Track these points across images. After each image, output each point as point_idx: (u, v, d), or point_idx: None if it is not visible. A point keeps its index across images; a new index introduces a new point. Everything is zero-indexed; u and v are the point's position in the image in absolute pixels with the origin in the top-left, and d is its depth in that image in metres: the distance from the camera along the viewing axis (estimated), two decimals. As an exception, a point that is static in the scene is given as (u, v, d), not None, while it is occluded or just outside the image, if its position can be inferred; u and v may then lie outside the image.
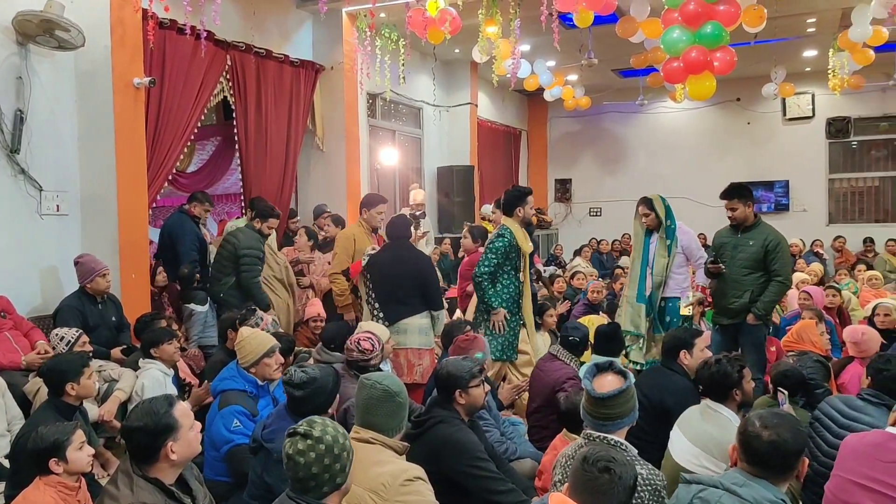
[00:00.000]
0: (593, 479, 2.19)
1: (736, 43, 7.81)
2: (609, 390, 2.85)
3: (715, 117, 13.82)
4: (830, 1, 8.62)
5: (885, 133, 12.98)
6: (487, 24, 7.53)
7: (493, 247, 5.24)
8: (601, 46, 9.37)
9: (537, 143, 15.21)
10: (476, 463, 3.20)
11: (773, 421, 2.41)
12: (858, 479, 2.78)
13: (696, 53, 6.21)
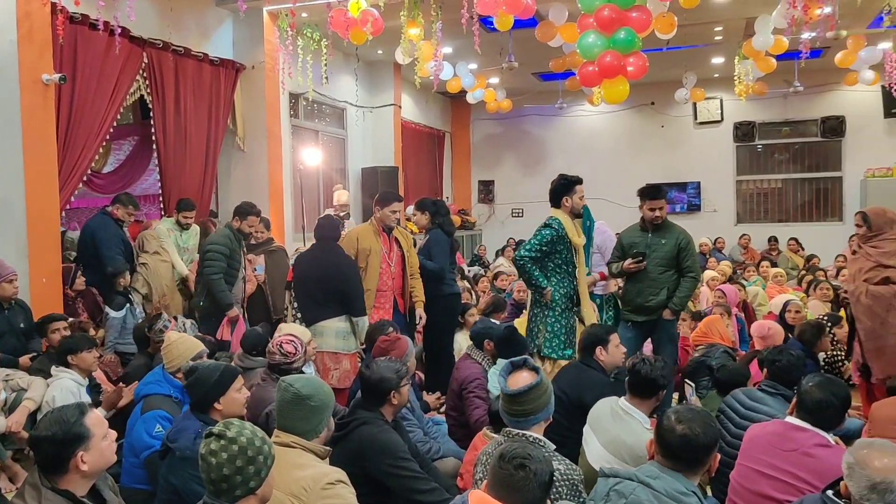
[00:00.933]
0: (509, 476, 2.20)
1: (649, 49, 8.02)
2: (520, 387, 2.87)
3: (630, 120, 14.16)
4: (736, 11, 8.92)
5: (786, 137, 13.55)
6: (409, 26, 7.51)
7: (540, 234, 5.00)
8: (521, 50, 9.46)
9: (461, 144, 15.28)
10: (399, 463, 3.19)
11: (687, 416, 2.47)
12: (761, 468, 2.88)
13: (611, 58, 6.32)
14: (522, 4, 6.74)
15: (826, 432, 2.88)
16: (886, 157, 12.54)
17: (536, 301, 5.08)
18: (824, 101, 13.06)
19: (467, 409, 4.49)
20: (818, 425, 2.88)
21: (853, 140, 13.04)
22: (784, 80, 11.02)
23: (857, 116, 12.92)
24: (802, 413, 2.93)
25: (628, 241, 5.44)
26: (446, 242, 5.80)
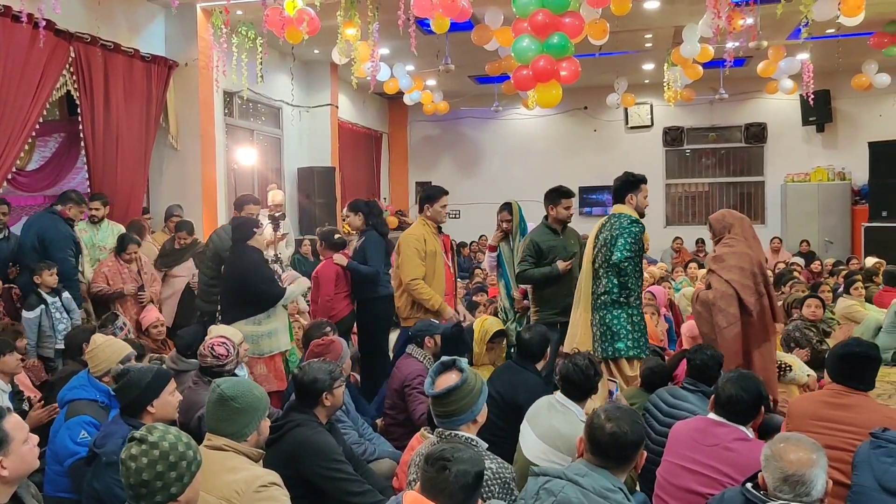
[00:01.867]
0: (433, 478, 2.21)
1: (582, 54, 8.14)
2: (442, 388, 2.87)
3: (564, 124, 14.36)
4: (665, 19, 9.14)
5: (713, 142, 13.94)
6: (346, 27, 7.44)
7: (631, 231, 4.63)
8: (458, 53, 9.49)
9: (398, 145, 15.24)
10: (332, 465, 3.16)
11: (615, 414, 2.52)
12: (686, 463, 2.95)
13: (545, 62, 6.39)
14: (459, 7, 6.76)
15: (744, 426, 2.97)
16: (804, 163, 13.04)
17: (614, 303, 4.67)
18: (747, 108, 13.50)
19: (410, 407, 4.47)
20: (733, 420, 2.97)
21: (774, 146, 13.52)
22: (710, 88, 11.33)
23: (777, 124, 13.39)
24: (718, 409, 3.03)
25: (546, 244, 5.35)
26: (381, 244, 5.76)
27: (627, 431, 2.47)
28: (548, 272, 5.32)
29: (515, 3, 6.50)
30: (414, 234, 5.38)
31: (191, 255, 6.77)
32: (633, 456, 2.50)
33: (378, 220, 5.85)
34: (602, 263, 4.70)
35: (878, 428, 2.80)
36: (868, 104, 12.70)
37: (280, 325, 5.13)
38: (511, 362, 4.43)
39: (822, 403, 3.23)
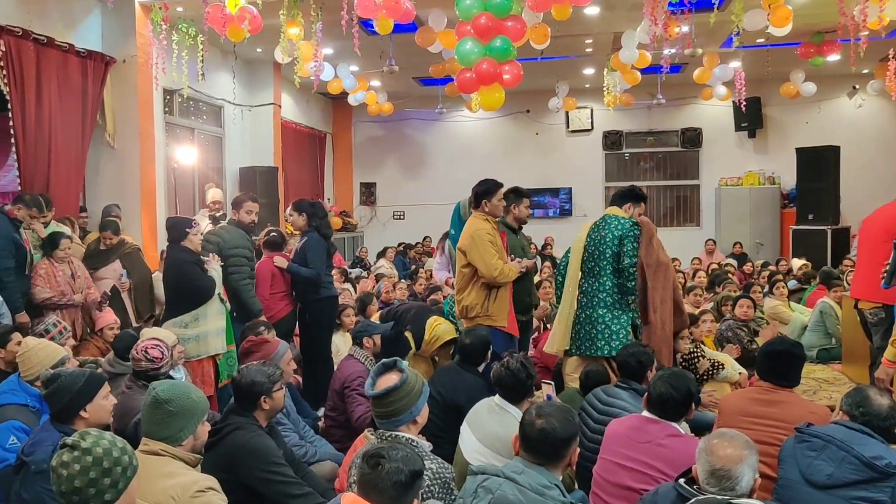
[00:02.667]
0: (367, 475, 2.19)
1: (524, 58, 8.21)
2: (381, 388, 2.86)
3: (507, 127, 14.46)
4: (604, 25, 9.29)
5: (651, 146, 14.23)
6: (289, 26, 7.35)
7: (636, 235, 4.69)
8: (402, 54, 9.48)
9: (342, 146, 15.13)
10: (272, 468, 3.11)
11: (546, 411, 2.55)
12: (620, 461, 2.99)
13: (487, 65, 6.43)
14: (402, 9, 6.75)
15: (675, 423, 3.03)
16: (737, 168, 13.42)
17: (614, 304, 4.68)
18: (684, 113, 13.82)
19: (349, 408, 4.44)
20: (665, 417, 3.03)
21: (709, 151, 13.87)
22: (648, 93, 11.57)
23: (712, 129, 13.74)
24: (650, 406, 3.09)
25: (509, 244, 5.37)
26: (323, 245, 5.68)
27: (556, 427, 2.49)
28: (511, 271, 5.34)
29: (458, 6, 6.52)
30: (483, 227, 4.98)
31: (117, 257, 6.54)
32: (564, 452, 2.52)
33: (322, 222, 5.77)
34: (599, 262, 4.73)
35: (803, 423, 2.88)
36: (796, 111, 13.15)
37: (212, 329, 4.99)
38: (453, 364, 4.43)
39: (751, 400, 3.32)
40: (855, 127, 12.93)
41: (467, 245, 4.90)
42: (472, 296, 4.94)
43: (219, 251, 5.36)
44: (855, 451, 2.63)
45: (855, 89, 12.74)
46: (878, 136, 12.85)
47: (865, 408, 2.77)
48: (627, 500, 2.90)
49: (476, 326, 4.72)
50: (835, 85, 12.66)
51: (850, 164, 11.62)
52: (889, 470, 2.57)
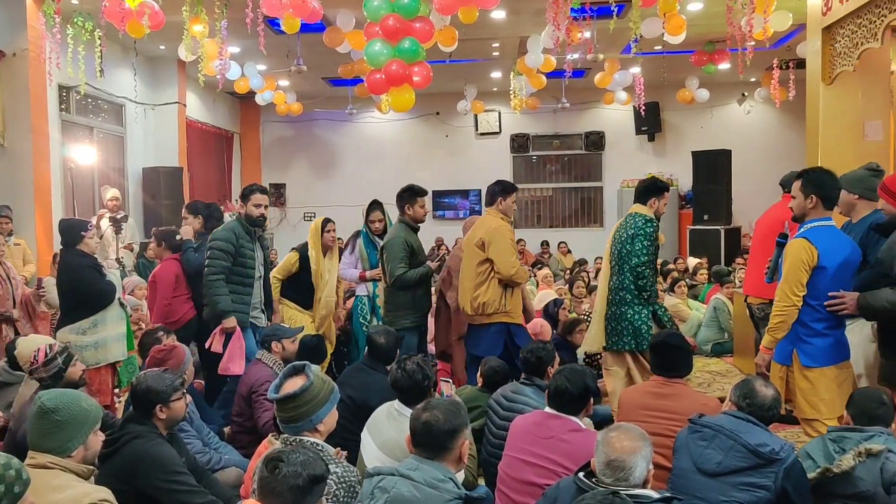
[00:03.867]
0: (264, 478, 2.14)
1: (433, 60, 8.22)
2: (284, 392, 2.79)
3: (417, 129, 14.46)
4: (510, 29, 9.41)
5: (557, 150, 14.51)
6: (193, 23, 7.11)
7: (646, 232, 4.72)
8: (310, 54, 9.33)
9: (250, 146, 14.78)
10: (173, 477, 2.99)
11: (433, 404, 2.56)
12: (524, 457, 3.02)
13: (397, 67, 6.39)
14: (309, 9, 6.64)
15: (576, 417, 3.08)
16: (637, 170, 13.83)
17: (633, 300, 4.75)
18: (587, 117, 14.16)
19: (256, 414, 4.31)
20: (565, 411, 3.08)
21: (611, 154, 14.26)
22: (553, 97, 11.79)
23: (614, 132, 14.14)
24: (550, 401, 3.13)
25: (416, 243, 5.42)
26: None
27: (440, 419, 2.50)
28: (424, 272, 5.28)
29: (366, 7, 6.46)
30: (504, 225, 5.01)
31: None
32: (450, 444, 2.51)
33: (218, 224, 5.60)
34: (618, 261, 4.83)
35: (696, 414, 2.98)
36: (691, 116, 13.69)
37: (111, 335, 4.76)
38: (361, 364, 4.36)
39: (647, 394, 3.42)
40: (744, 132, 13.55)
41: (489, 239, 4.87)
42: (489, 292, 4.91)
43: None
44: (742, 439, 2.73)
45: (744, 96, 13.36)
46: (765, 140, 13.51)
47: (751, 399, 2.88)
48: (531, 496, 2.92)
49: (386, 326, 4.69)
50: (726, 92, 13.25)
51: (741, 167, 12.16)
52: (773, 456, 2.68)
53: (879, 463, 2.73)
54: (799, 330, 3.52)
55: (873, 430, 2.85)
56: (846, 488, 2.77)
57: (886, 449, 2.74)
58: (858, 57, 5.66)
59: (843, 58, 5.89)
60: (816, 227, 3.53)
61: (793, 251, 3.50)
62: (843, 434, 2.90)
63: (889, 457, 2.74)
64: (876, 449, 2.74)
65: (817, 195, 3.55)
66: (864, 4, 5.45)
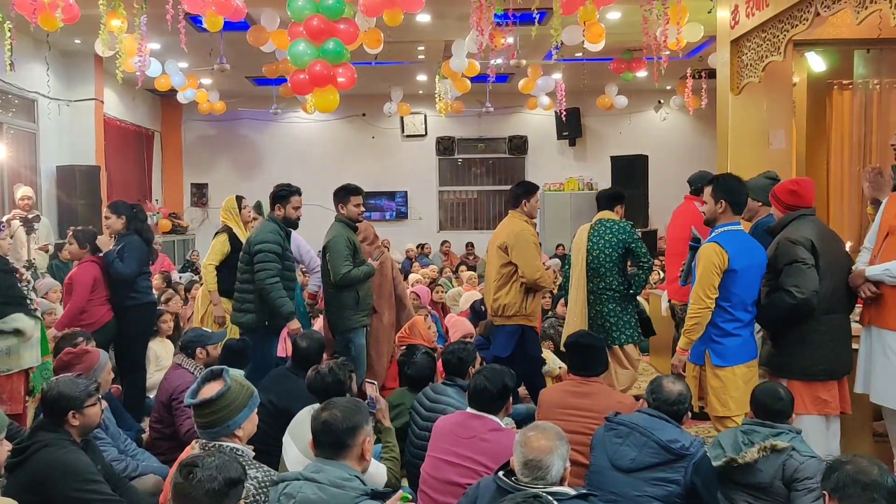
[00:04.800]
0: (178, 484, 2.10)
1: (358, 62, 8.15)
2: (201, 398, 2.72)
3: (343, 130, 14.32)
4: (435, 33, 9.43)
5: (482, 153, 14.61)
6: (110, 17, 6.82)
7: (637, 237, 5.15)
8: (234, 53, 9.12)
9: (172, 145, 14.33)
10: (86, 486, 2.88)
11: (335, 404, 2.56)
12: (446, 457, 3.02)
13: (321, 67, 6.31)
14: (233, 6, 6.49)
15: (496, 417, 3.11)
16: (559, 174, 14.06)
17: (622, 297, 5.10)
18: (511, 121, 14.32)
19: (177, 422, 4.18)
20: (485, 411, 3.10)
21: (534, 158, 14.46)
22: (478, 101, 11.85)
23: (537, 137, 14.34)
24: (471, 401, 3.16)
25: (357, 242, 5.30)
26: (143, 249, 5.32)
27: (339, 416, 2.49)
28: (369, 270, 5.18)
29: (290, 7, 6.35)
30: (528, 228, 5.03)
31: None
32: (350, 441, 2.49)
33: (143, 226, 5.40)
34: (605, 264, 5.05)
35: (612, 412, 3.05)
36: (611, 122, 14.02)
37: (24, 341, 4.53)
38: (284, 369, 4.28)
39: (566, 392, 3.48)
40: (660, 138, 13.95)
41: (512, 243, 4.89)
42: (510, 295, 4.95)
43: (248, 250, 4.94)
44: (654, 436, 2.81)
45: (660, 103, 13.78)
46: (680, 146, 13.93)
47: (658, 393, 2.99)
48: (453, 496, 2.93)
49: (312, 330, 4.62)
50: (643, 99, 13.61)
51: (657, 172, 12.53)
52: (683, 452, 2.77)
53: (782, 459, 2.87)
54: (711, 331, 3.65)
55: (783, 428, 2.99)
56: (746, 478, 2.91)
57: (791, 447, 2.88)
58: (763, 69, 5.91)
59: (750, 69, 6.14)
60: (726, 232, 3.67)
61: (705, 255, 3.62)
62: (753, 427, 3.03)
63: (792, 454, 2.88)
64: (780, 446, 2.88)
65: (726, 200, 3.70)
66: (768, 20, 5.69)
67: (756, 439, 2.93)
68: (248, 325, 5.00)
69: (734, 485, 2.94)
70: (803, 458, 2.87)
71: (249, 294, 4.95)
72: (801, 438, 2.97)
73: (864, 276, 3.58)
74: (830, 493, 1.96)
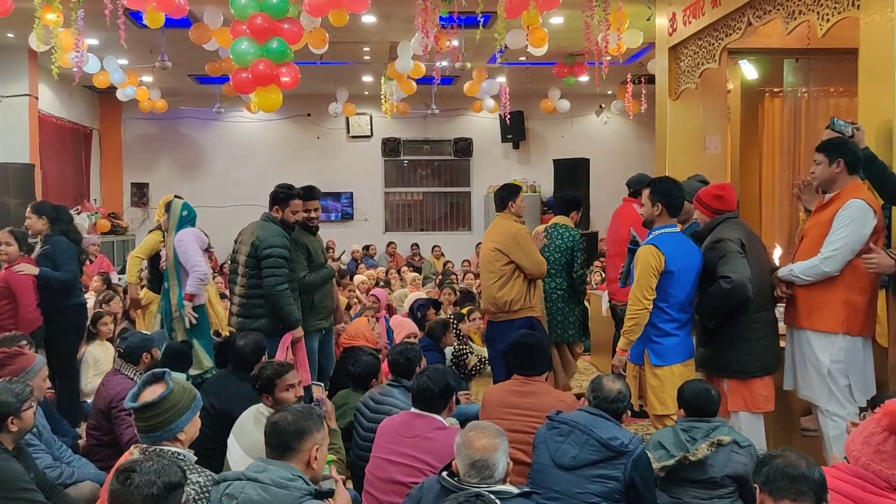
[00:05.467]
0: (115, 491, 2.04)
1: (304, 62, 8.06)
2: (140, 401, 2.65)
3: (288, 130, 14.14)
4: (381, 34, 9.38)
5: (428, 154, 14.59)
6: (45, 11, 6.59)
7: (582, 247, 5.59)
8: (176, 50, 8.90)
9: (111, 143, 13.92)
10: (19, 495, 2.81)
11: (289, 408, 2.57)
12: (390, 457, 3.01)
13: (264, 67, 6.21)
14: (174, 4, 6.33)
15: (440, 416, 3.11)
16: (503, 176, 14.02)
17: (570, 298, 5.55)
18: (456, 124, 14.34)
19: (117, 431, 4.03)
20: (429, 410, 3.10)
21: (479, 160, 14.51)
22: (423, 103, 11.84)
23: (481, 139, 14.39)
24: (414, 401, 3.16)
25: (313, 245, 5.18)
26: (73, 250, 5.15)
27: (289, 419, 2.48)
28: (328, 273, 5.11)
29: (233, 5, 6.23)
30: (521, 229, 5.17)
31: None
32: (297, 445, 2.47)
33: (68, 227, 5.22)
34: (554, 266, 5.42)
35: (554, 411, 3.08)
36: (553, 126, 14.17)
37: None
38: (225, 372, 4.19)
39: (509, 392, 3.50)
40: (601, 142, 14.16)
41: (509, 245, 5.01)
42: (515, 290, 5.05)
43: (255, 254, 4.67)
44: (595, 433, 2.85)
45: (601, 108, 13.98)
46: (620, 150, 14.17)
47: (598, 392, 3.03)
48: (397, 495, 2.91)
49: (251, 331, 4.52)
50: (585, 103, 13.79)
51: (598, 175, 12.72)
52: (622, 449, 2.81)
53: (727, 452, 2.96)
54: (649, 331, 3.73)
55: (717, 422, 3.07)
56: (697, 474, 2.97)
57: (732, 441, 2.97)
58: (700, 76, 6.06)
59: (687, 76, 6.29)
60: (663, 234, 3.75)
61: (642, 257, 3.69)
62: (692, 425, 3.10)
63: (734, 449, 2.96)
64: (725, 440, 2.96)
65: (663, 204, 3.78)
66: (703, 28, 5.84)
67: (698, 435, 3.00)
68: (262, 331, 4.67)
69: (684, 482, 3.00)
70: (744, 452, 2.97)
71: (259, 299, 4.69)
72: (733, 430, 3.06)
73: (777, 276, 3.72)
74: (761, 486, 2.01)
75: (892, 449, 2.12)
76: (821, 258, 3.46)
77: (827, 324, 3.50)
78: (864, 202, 3.41)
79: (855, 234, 3.38)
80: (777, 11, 4.81)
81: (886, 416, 2.13)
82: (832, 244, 3.43)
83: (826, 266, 3.45)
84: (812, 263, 3.50)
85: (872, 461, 2.14)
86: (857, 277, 3.45)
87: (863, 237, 3.39)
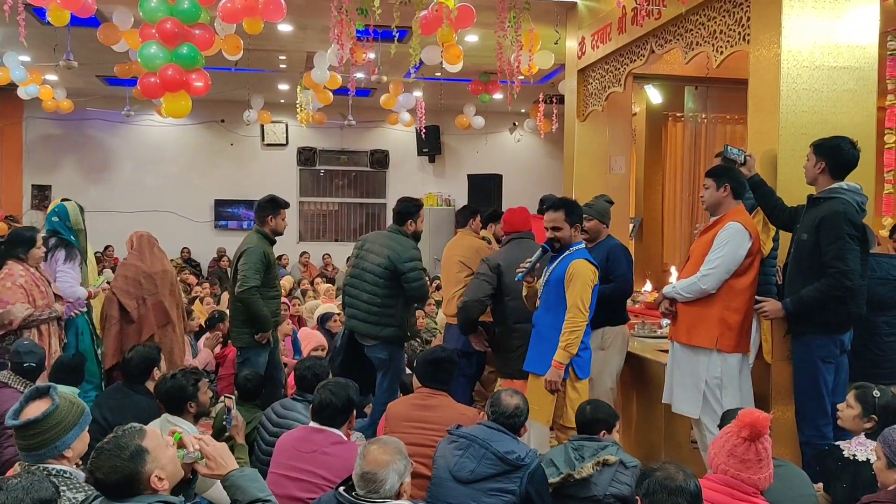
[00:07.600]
0: None
1: (216, 67, 7.85)
2: (24, 418, 2.48)
3: (201, 136, 13.74)
4: (297, 43, 9.26)
5: (344, 165, 14.48)
6: (-63, 2, 6.18)
7: None
8: (83, 50, 8.49)
9: (11, 143, 13.18)
10: None
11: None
12: (288, 472, 2.94)
13: (173, 72, 6.01)
14: (81, 2, 6.05)
15: (339, 430, 3.06)
16: (419, 189, 14.11)
17: None
18: (373, 135, 14.29)
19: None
20: (329, 424, 3.05)
21: (395, 172, 14.51)
22: (340, 114, 11.73)
23: (398, 152, 14.40)
24: (314, 415, 3.10)
25: (273, 257, 5.09)
26: None
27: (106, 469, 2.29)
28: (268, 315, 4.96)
29: (142, 7, 6.01)
30: (482, 244, 5.39)
31: None
32: (134, 487, 2.31)
33: None
34: None
35: (454, 425, 3.07)
36: (468, 141, 14.32)
37: None
38: (120, 385, 4.01)
39: (412, 405, 3.48)
40: (514, 158, 14.37)
41: (472, 258, 5.11)
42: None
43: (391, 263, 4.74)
44: (493, 447, 2.86)
45: (515, 126, 14.18)
46: (532, 167, 14.43)
47: (496, 407, 3.05)
48: (296, 511, 2.85)
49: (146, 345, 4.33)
50: (499, 120, 13.98)
51: (510, 191, 12.89)
52: (518, 462, 2.83)
53: (612, 472, 3.01)
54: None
55: (606, 441, 3.13)
56: (582, 492, 3.01)
57: (619, 461, 3.03)
58: (606, 98, 6.25)
59: (594, 98, 6.46)
60: (583, 250, 3.90)
61: (580, 271, 3.75)
62: (582, 442, 3.14)
63: (619, 469, 3.02)
64: (612, 460, 3.01)
65: (580, 225, 3.96)
66: (610, 52, 6.02)
67: (586, 454, 3.05)
68: (389, 339, 4.78)
69: (570, 499, 3.04)
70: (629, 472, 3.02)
71: (391, 308, 4.73)
72: (622, 450, 3.13)
73: (663, 293, 3.89)
74: (642, 498, 2.08)
75: (754, 456, 2.34)
76: (699, 276, 3.61)
77: (703, 339, 3.64)
78: (742, 225, 3.58)
79: (731, 255, 3.54)
80: (677, 41, 5.02)
81: (746, 428, 2.33)
82: (709, 263, 3.59)
83: (703, 283, 3.59)
84: (691, 281, 3.65)
85: (741, 471, 2.35)
86: (733, 296, 3.61)
87: (738, 258, 3.56)
